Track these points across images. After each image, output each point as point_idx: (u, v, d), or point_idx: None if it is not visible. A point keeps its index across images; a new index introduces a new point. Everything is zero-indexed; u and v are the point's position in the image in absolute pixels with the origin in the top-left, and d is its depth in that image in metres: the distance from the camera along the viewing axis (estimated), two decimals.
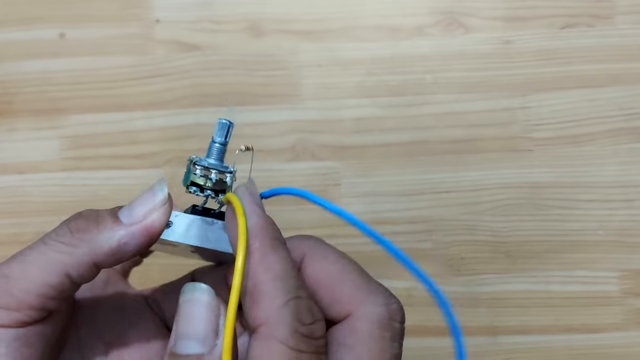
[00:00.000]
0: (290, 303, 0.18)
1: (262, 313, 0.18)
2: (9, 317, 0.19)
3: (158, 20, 0.45)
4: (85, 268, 0.20)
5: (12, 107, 0.45)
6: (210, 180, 0.22)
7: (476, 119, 0.43)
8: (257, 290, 0.18)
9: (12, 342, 0.19)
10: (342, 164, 0.43)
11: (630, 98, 0.43)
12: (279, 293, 0.18)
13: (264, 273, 0.18)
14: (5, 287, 0.19)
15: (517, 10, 0.44)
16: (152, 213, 0.20)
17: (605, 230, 0.42)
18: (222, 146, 0.23)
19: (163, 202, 0.20)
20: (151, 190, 0.21)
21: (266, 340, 0.17)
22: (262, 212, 0.20)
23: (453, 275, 0.42)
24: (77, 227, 0.20)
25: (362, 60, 0.44)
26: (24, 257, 0.20)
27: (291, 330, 0.18)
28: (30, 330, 0.20)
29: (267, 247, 0.19)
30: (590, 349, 0.42)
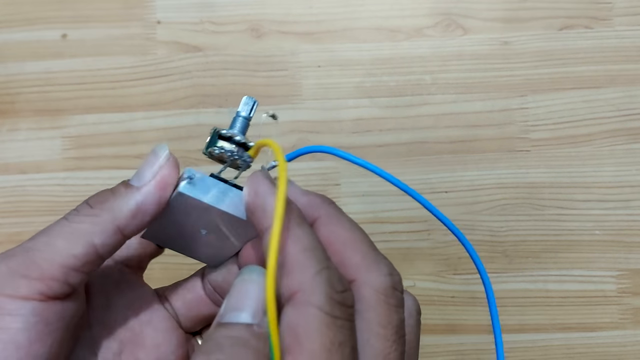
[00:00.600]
0: (323, 272, 0.18)
1: (297, 281, 0.18)
2: (29, 287, 0.19)
3: (159, 21, 0.45)
4: (110, 235, 0.20)
5: (15, 107, 0.45)
6: (235, 142, 0.23)
7: (474, 120, 0.44)
8: (288, 262, 0.18)
9: (30, 317, 0.19)
10: (342, 164, 0.44)
11: (627, 99, 0.43)
12: (311, 262, 0.18)
13: (293, 245, 0.19)
14: (29, 257, 0.19)
15: (516, 11, 0.45)
16: (161, 170, 0.21)
17: (602, 230, 0.43)
18: (245, 120, 0.23)
19: (166, 158, 0.21)
20: (153, 152, 0.21)
21: (303, 306, 0.18)
22: None
23: (451, 274, 0.43)
24: (96, 200, 0.21)
25: (361, 61, 0.45)
26: (48, 231, 0.20)
27: (326, 296, 0.18)
28: (50, 307, 0.19)
29: (292, 222, 0.19)
30: (587, 348, 0.42)
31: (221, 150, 0.23)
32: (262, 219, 0.20)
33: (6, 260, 0.20)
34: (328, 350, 0.17)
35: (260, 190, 0.20)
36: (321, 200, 0.22)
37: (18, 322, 0.19)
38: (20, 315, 0.19)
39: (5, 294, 0.19)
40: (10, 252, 0.20)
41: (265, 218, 0.20)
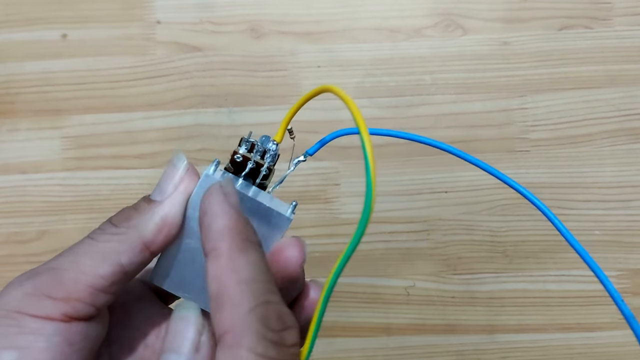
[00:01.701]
0: (257, 309, 0.17)
1: (227, 320, 0.17)
2: (54, 308, 0.19)
3: (159, 22, 0.45)
4: (137, 252, 0.20)
5: (14, 107, 0.45)
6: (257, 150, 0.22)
7: (474, 120, 0.44)
8: (221, 296, 0.17)
9: (53, 337, 0.19)
10: (342, 164, 0.44)
11: (627, 99, 0.43)
12: (245, 297, 0.17)
13: (228, 276, 0.17)
14: (55, 277, 0.19)
15: (515, 11, 0.45)
16: (182, 181, 0.21)
17: (602, 230, 0.43)
18: None
19: (185, 169, 0.21)
20: (171, 164, 0.21)
21: (232, 349, 0.16)
22: (234, 212, 0.19)
23: (450, 274, 0.43)
24: (119, 218, 0.20)
25: (361, 61, 0.45)
26: (74, 251, 0.20)
27: (258, 337, 0.17)
28: (74, 328, 0.19)
29: (234, 249, 0.18)
30: (587, 348, 0.42)
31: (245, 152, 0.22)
32: (205, 242, 0.19)
33: (32, 279, 0.19)
34: None
35: (210, 208, 0.19)
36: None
37: (41, 342, 0.19)
38: (43, 335, 0.19)
39: (29, 313, 0.19)
40: (36, 270, 0.20)
41: (208, 241, 0.18)
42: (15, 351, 0.18)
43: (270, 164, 0.22)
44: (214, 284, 0.18)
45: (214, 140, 0.44)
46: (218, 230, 0.18)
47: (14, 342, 0.18)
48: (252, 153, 0.22)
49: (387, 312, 0.43)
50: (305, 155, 0.23)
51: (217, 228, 0.18)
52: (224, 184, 0.20)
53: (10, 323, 0.19)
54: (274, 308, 0.17)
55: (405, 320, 0.43)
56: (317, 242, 0.42)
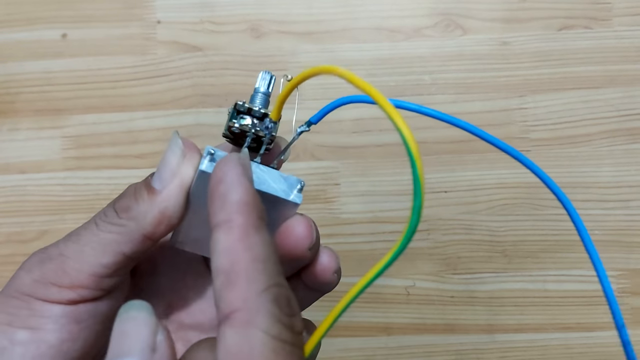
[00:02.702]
0: (272, 289, 0.16)
1: (239, 297, 0.16)
2: (60, 295, 0.20)
3: (159, 21, 0.45)
4: (138, 243, 0.20)
5: (15, 106, 0.45)
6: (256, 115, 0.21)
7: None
8: (234, 271, 0.16)
9: (60, 319, 0.20)
10: (342, 164, 0.44)
11: (626, 99, 0.44)
12: (260, 276, 0.16)
13: (244, 252, 0.16)
14: (60, 265, 0.20)
15: (515, 11, 0.45)
16: (179, 169, 0.20)
17: (601, 230, 0.43)
18: (264, 95, 0.23)
19: (182, 155, 0.20)
20: (168, 148, 0.20)
21: (244, 327, 0.15)
22: (250, 185, 0.18)
23: (450, 274, 0.43)
24: (121, 207, 0.20)
25: (361, 61, 0.45)
26: (79, 238, 0.20)
27: (273, 318, 0.16)
28: (80, 308, 0.20)
29: (250, 225, 0.17)
30: (586, 348, 0.42)
31: (241, 123, 0.21)
32: (218, 211, 0.17)
33: (40, 265, 0.20)
34: None
35: (227, 176, 0.18)
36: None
37: (49, 323, 0.20)
38: (51, 317, 0.20)
39: (37, 297, 0.20)
40: (45, 254, 0.20)
41: (222, 211, 0.17)
42: (27, 331, 0.19)
43: (271, 136, 0.22)
44: (225, 258, 0.16)
45: (215, 140, 0.44)
46: (235, 202, 0.17)
47: (26, 323, 0.20)
48: (250, 122, 0.21)
49: (387, 312, 0.43)
50: (308, 124, 0.22)
51: (234, 199, 0.17)
52: (242, 155, 0.19)
53: (22, 305, 0.20)
54: (285, 291, 0.17)
55: (405, 320, 0.43)
56: None
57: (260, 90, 0.23)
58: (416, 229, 0.16)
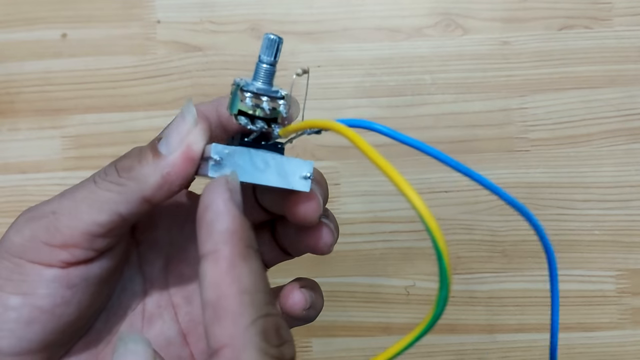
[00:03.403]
0: (259, 322, 0.16)
1: (226, 333, 0.16)
2: (51, 256, 0.19)
3: (159, 21, 0.45)
4: (136, 205, 0.19)
5: (14, 106, 0.45)
6: (262, 109, 0.20)
7: (474, 120, 0.44)
8: (221, 306, 0.16)
9: (52, 283, 0.19)
10: (342, 164, 0.44)
11: (626, 99, 0.44)
12: (246, 310, 0.16)
13: (230, 285, 0.16)
14: (52, 223, 0.19)
15: (515, 11, 0.45)
16: (188, 136, 0.20)
17: (601, 230, 0.43)
18: (270, 67, 0.21)
19: (194, 123, 0.20)
20: (180, 115, 0.20)
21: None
22: (238, 213, 0.18)
23: None
24: (123, 166, 0.20)
25: (361, 60, 0.45)
26: (74, 195, 0.20)
27: (260, 352, 0.16)
28: (72, 272, 0.19)
29: (236, 255, 0.17)
30: (587, 348, 0.42)
31: (246, 124, 0.20)
32: (205, 241, 0.17)
33: (30, 223, 0.20)
34: None
35: (213, 204, 0.17)
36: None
37: (41, 288, 0.19)
38: (42, 282, 0.19)
39: (28, 259, 0.19)
40: (35, 212, 0.20)
41: (208, 241, 0.17)
42: (19, 296, 0.19)
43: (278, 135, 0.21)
44: (212, 291, 0.16)
45: None
46: (221, 232, 0.17)
47: (18, 288, 0.19)
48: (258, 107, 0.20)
49: (387, 312, 0.43)
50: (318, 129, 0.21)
51: (220, 229, 0.17)
52: (230, 178, 0.18)
53: (13, 269, 0.19)
54: (273, 321, 0.17)
55: (405, 320, 0.43)
56: None
57: (264, 60, 0.21)
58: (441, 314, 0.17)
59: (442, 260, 0.16)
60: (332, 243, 0.23)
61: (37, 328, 0.19)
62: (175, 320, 0.23)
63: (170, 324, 0.23)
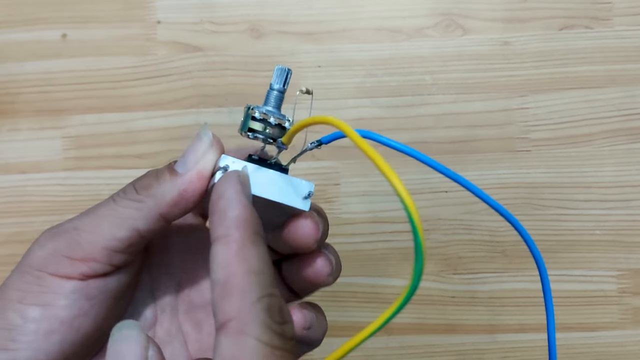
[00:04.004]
0: (264, 300, 0.17)
1: (233, 307, 0.17)
2: (71, 268, 0.20)
3: (159, 22, 0.45)
4: (153, 221, 0.21)
5: (14, 107, 0.45)
6: (269, 123, 0.22)
7: (474, 120, 0.44)
8: (230, 283, 0.17)
9: (71, 294, 0.20)
10: (342, 164, 0.44)
11: (627, 99, 0.44)
12: (253, 288, 0.17)
13: (239, 265, 0.18)
14: (74, 238, 0.20)
15: (516, 11, 0.45)
16: (204, 157, 0.21)
17: (602, 230, 0.43)
18: (280, 93, 0.23)
19: (210, 144, 0.21)
20: (197, 137, 0.21)
21: (238, 336, 0.17)
22: (248, 203, 0.19)
23: (451, 274, 0.43)
24: (142, 185, 0.21)
25: (361, 61, 0.45)
26: (95, 212, 0.21)
27: (264, 326, 0.17)
28: (91, 284, 0.20)
29: (246, 239, 0.18)
30: (588, 348, 0.42)
31: (254, 135, 0.22)
32: (217, 226, 0.19)
33: (53, 239, 0.21)
34: None
35: (226, 193, 0.19)
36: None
37: (61, 299, 0.20)
38: (62, 293, 0.20)
39: (49, 272, 0.20)
40: (58, 229, 0.21)
41: (221, 226, 0.19)
42: (39, 308, 0.20)
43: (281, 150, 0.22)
44: (222, 270, 0.18)
45: None
46: (232, 218, 0.18)
47: (38, 300, 0.20)
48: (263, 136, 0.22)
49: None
50: (318, 142, 0.23)
51: (232, 215, 0.18)
52: (241, 173, 0.20)
53: (33, 281, 0.20)
54: (277, 301, 0.18)
55: (406, 320, 0.43)
56: None
57: (275, 88, 0.23)
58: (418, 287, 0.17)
59: (417, 233, 0.17)
60: (330, 273, 0.23)
61: (55, 340, 0.20)
62: (185, 347, 0.24)
63: (180, 350, 0.24)
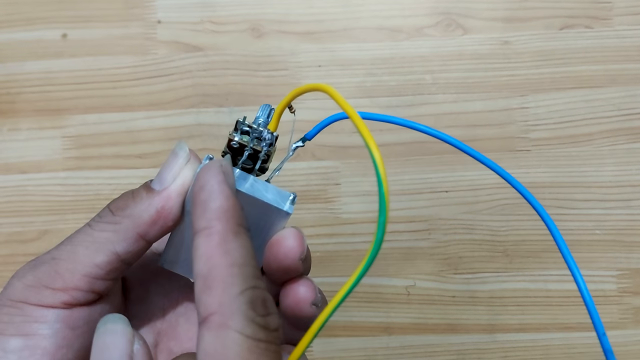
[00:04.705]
0: (247, 292, 0.17)
1: (215, 301, 0.17)
2: (53, 298, 0.19)
3: (160, 21, 0.45)
4: (132, 242, 0.20)
5: (15, 106, 0.45)
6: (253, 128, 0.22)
7: (475, 119, 0.44)
8: (212, 276, 0.17)
9: (55, 324, 0.19)
10: (342, 164, 0.44)
11: (627, 99, 0.43)
12: (235, 280, 0.17)
13: (221, 257, 0.17)
14: (53, 268, 0.20)
15: (516, 11, 0.45)
16: (181, 172, 0.20)
17: (602, 230, 0.43)
18: (265, 123, 0.23)
19: (186, 159, 0.21)
20: (173, 153, 0.21)
21: (220, 329, 0.17)
22: (231, 193, 0.19)
23: (451, 273, 0.43)
24: (117, 206, 0.20)
25: (362, 60, 0.45)
26: (72, 240, 0.20)
27: (247, 319, 0.17)
28: (75, 313, 0.20)
29: (228, 231, 0.18)
30: (587, 347, 0.42)
31: (241, 138, 0.22)
32: (199, 218, 0.18)
33: (32, 270, 0.20)
34: None
35: (208, 184, 0.19)
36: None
37: (44, 329, 0.19)
38: (46, 322, 0.19)
39: (31, 302, 0.19)
40: (38, 260, 0.20)
41: (202, 218, 0.18)
42: (21, 338, 0.19)
43: (267, 151, 0.22)
44: (204, 263, 0.17)
45: (215, 140, 0.44)
46: (214, 209, 0.18)
47: (19, 330, 0.19)
48: (249, 137, 0.22)
49: (388, 312, 0.43)
50: (303, 140, 0.23)
51: (214, 207, 0.18)
52: (224, 162, 0.20)
53: (15, 312, 0.19)
54: (261, 293, 0.18)
55: (406, 320, 0.43)
56: (318, 241, 0.43)
57: (260, 120, 0.23)
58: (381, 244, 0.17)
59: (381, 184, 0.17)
60: (313, 299, 0.22)
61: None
62: None
63: None
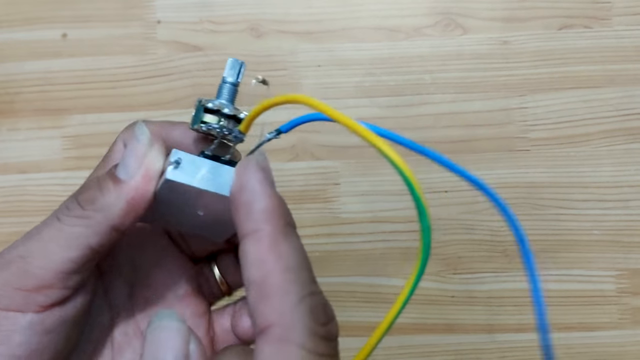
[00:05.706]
0: (306, 300, 0.16)
1: (274, 311, 0.16)
2: (25, 301, 0.18)
3: (159, 21, 0.45)
4: (105, 235, 0.19)
5: (14, 106, 0.45)
6: (224, 115, 0.20)
7: (474, 119, 0.44)
8: (267, 283, 0.16)
9: (28, 329, 0.18)
10: (342, 164, 0.44)
11: (625, 99, 0.44)
12: (292, 288, 0.16)
13: (275, 262, 0.16)
14: (23, 267, 0.18)
15: (515, 11, 0.45)
16: (146, 158, 0.19)
17: (600, 230, 0.43)
18: (233, 86, 0.21)
19: (149, 144, 0.19)
20: (134, 137, 0.20)
21: (280, 343, 0.15)
22: (274, 191, 0.18)
23: (450, 273, 0.43)
24: (85, 199, 0.19)
25: (361, 60, 0.45)
26: (40, 236, 0.19)
27: (309, 332, 0.16)
28: (49, 316, 0.19)
29: (278, 232, 0.17)
30: (587, 347, 0.42)
31: (208, 127, 0.20)
32: (244, 222, 0.17)
33: (1, 271, 0.19)
34: None
35: (249, 184, 0.17)
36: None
37: (16, 336, 0.18)
38: (17, 330, 0.18)
39: (2, 307, 0.18)
40: (4, 259, 0.19)
41: (248, 221, 0.17)
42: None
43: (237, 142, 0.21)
44: (257, 269, 0.16)
45: None
46: (260, 211, 0.17)
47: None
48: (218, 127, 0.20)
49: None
50: (277, 132, 0.21)
51: (260, 208, 0.17)
52: (259, 159, 0.18)
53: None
54: (320, 299, 0.17)
55: (405, 320, 0.43)
56: (317, 241, 0.43)
57: (228, 81, 0.21)
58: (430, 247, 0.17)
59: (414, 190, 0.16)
60: None
61: None
62: None
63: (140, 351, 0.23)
